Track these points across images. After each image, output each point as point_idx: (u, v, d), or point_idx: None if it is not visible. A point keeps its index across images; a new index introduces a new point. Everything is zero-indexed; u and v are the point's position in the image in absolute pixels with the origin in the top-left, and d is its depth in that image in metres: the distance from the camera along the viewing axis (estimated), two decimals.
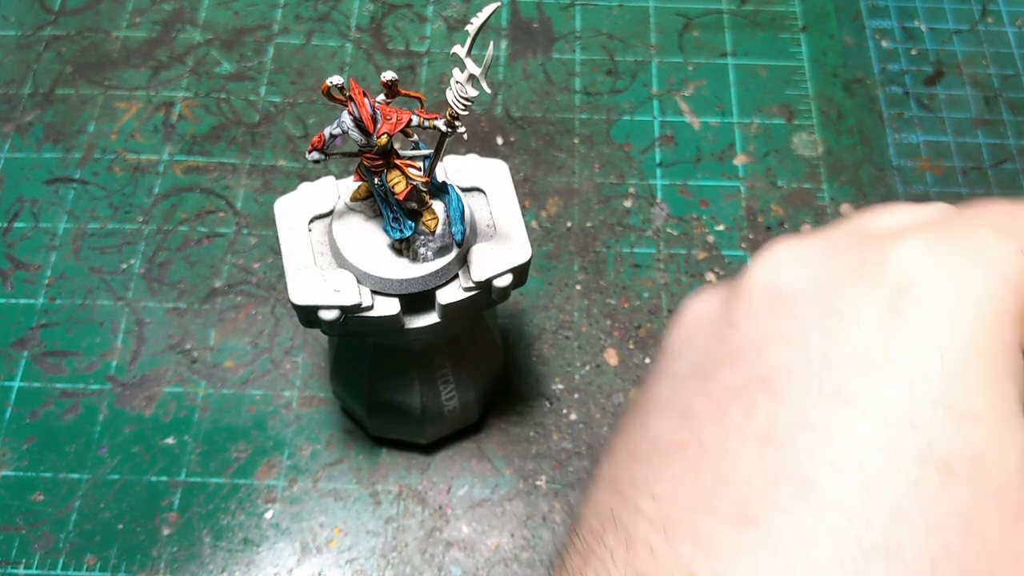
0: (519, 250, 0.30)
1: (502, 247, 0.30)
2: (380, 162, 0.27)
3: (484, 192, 0.32)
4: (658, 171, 0.49)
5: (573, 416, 0.42)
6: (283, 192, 0.48)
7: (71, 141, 0.49)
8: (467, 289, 0.30)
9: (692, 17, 0.55)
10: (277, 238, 0.32)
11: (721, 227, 0.47)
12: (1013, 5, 0.56)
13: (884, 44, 0.54)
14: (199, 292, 0.45)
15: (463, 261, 0.30)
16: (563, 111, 0.51)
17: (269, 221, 0.47)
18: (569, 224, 0.47)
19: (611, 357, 0.43)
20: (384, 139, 0.26)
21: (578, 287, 0.45)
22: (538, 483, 0.40)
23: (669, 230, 0.47)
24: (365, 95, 0.26)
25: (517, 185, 0.48)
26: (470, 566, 0.38)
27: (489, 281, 0.30)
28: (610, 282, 0.46)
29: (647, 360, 0.43)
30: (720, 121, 0.51)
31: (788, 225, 0.47)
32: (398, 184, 0.27)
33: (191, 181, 0.48)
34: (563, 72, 0.53)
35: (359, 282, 0.29)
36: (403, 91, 0.27)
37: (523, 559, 0.38)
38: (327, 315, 0.29)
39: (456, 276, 0.30)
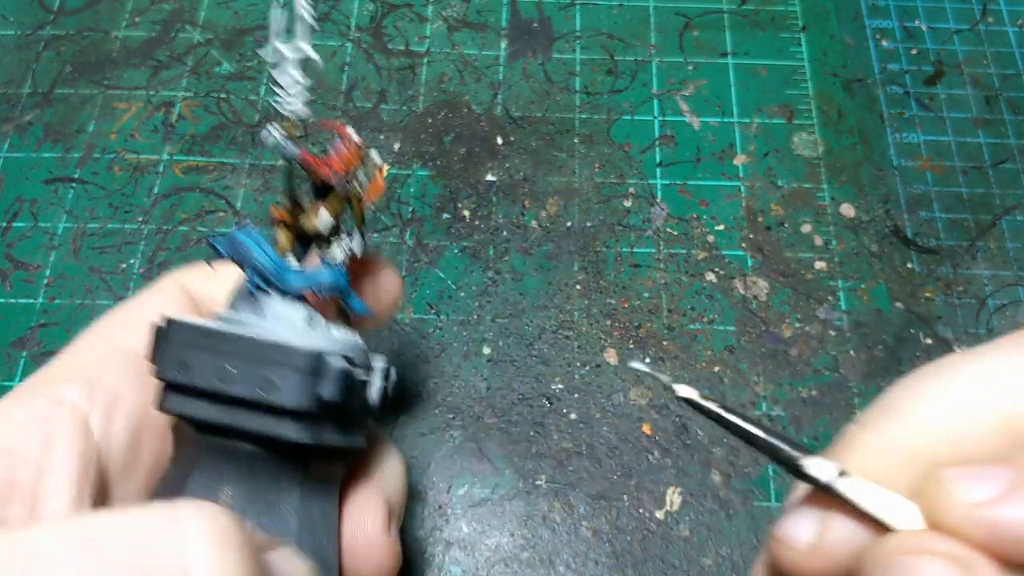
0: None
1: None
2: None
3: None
4: (658, 171, 0.49)
5: (573, 416, 0.42)
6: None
7: (70, 141, 0.49)
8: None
9: (692, 17, 0.55)
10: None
11: (721, 227, 0.47)
12: (1014, 5, 0.56)
13: (884, 44, 0.54)
14: None
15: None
16: (563, 111, 0.51)
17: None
18: (569, 224, 0.47)
19: (611, 357, 0.43)
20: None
21: (578, 287, 0.45)
22: (538, 483, 0.40)
23: (669, 230, 0.47)
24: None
25: (517, 185, 0.48)
26: (470, 565, 0.38)
27: None
28: (610, 282, 0.46)
29: (647, 360, 0.43)
30: (720, 121, 0.51)
31: (788, 225, 0.47)
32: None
33: (191, 181, 0.48)
34: (563, 72, 0.53)
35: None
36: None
37: (523, 559, 0.38)
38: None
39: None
